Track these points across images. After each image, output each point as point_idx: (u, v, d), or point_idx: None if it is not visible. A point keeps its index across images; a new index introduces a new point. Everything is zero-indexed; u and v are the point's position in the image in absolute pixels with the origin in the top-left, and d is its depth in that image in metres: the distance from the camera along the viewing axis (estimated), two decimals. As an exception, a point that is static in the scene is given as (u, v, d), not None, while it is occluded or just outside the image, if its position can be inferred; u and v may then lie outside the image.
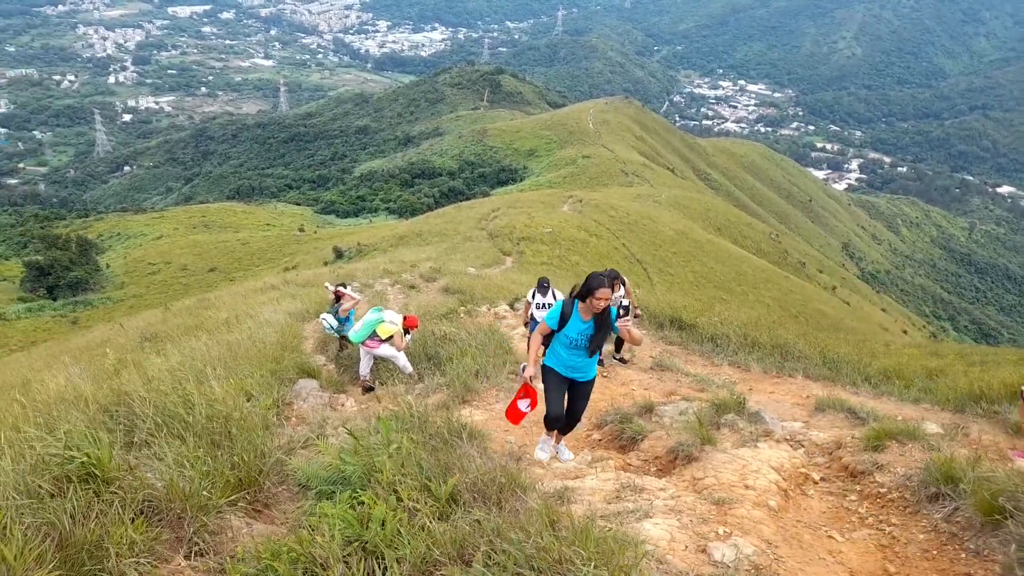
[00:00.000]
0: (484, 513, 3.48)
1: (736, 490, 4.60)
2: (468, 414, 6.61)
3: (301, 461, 4.88)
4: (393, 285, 19.53)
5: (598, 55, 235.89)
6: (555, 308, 5.28)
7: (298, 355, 9.59)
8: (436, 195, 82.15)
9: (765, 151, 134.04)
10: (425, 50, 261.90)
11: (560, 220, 43.08)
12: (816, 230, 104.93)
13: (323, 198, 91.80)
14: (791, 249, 70.69)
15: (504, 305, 14.83)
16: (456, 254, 31.25)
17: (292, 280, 23.83)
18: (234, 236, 65.20)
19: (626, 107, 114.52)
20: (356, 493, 3.86)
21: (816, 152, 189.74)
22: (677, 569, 3.38)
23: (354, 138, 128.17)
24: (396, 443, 4.30)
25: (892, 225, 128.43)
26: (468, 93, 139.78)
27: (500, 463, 4.35)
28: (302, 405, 7.43)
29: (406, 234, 43.53)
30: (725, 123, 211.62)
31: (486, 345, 9.28)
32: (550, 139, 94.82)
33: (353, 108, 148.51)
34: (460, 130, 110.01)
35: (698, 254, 45.17)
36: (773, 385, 8.72)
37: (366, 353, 8.89)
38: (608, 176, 74.03)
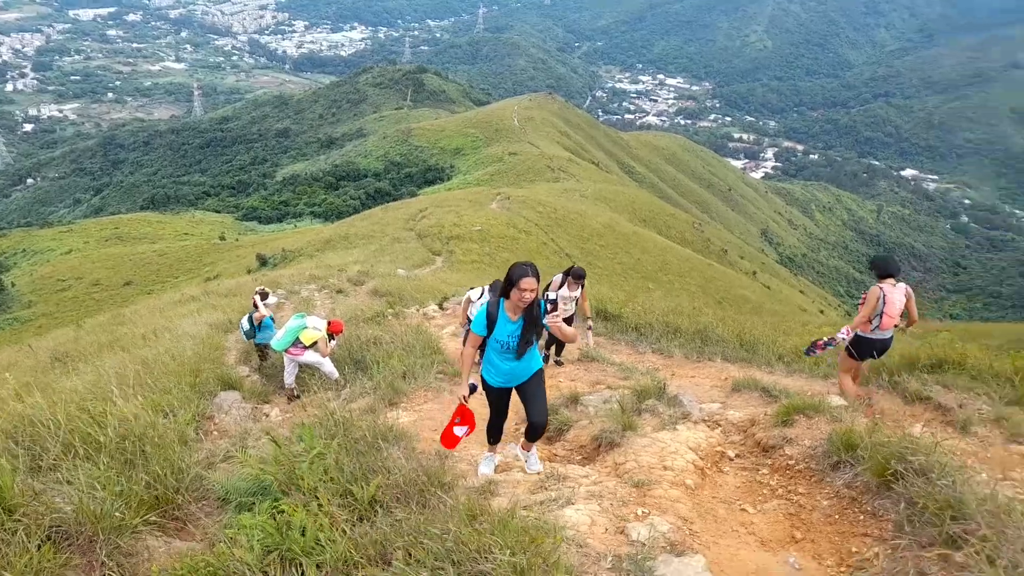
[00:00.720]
0: (405, 513, 3.50)
1: (655, 472, 4.76)
2: (395, 416, 6.59)
3: (221, 475, 4.79)
4: (320, 290, 19.21)
5: (520, 52, 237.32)
6: (479, 312, 4.75)
7: (219, 367, 9.33)
8: (362, 197, 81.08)
9: (685, 143, 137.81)
10: (345, 50, 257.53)
11: (489, 218, 43.22)
12: (736, 218, 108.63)
13: (244, 204, 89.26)
14: (713, 237, 72.98)
15: (433, 305, 14.80)
16: (385, 256, 30.97)
17: (213, 290, 23.10)
18: (150, 248, 62.62)
19: (550, 103, 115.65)
20: (276, 502, 3.82)
21: (733, 143, 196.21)
22: (596, 551, 3.49)
23: (274, 141, 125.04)
24: (319, 449, 4.27)
25: (806, 210, 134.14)
26: (391, 93, 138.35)
27: (424, 463, 4.38)
28: (223, 418, 7.26)
29: (332, 238, 42.78)
30: (647, 117, 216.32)
31: (413, 346, 9.26)
32: (476, 137, 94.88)
33: (272, 111, 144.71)
34: (384, 130, 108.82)
35: (624, 246, 46.10)
36: (694, 369, 9.01)
37: (290, 361, 8.74)
38: (535, 172, 74.65)
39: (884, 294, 6.47)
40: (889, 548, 3.46)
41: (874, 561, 3.43)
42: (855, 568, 3.49)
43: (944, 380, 6.85)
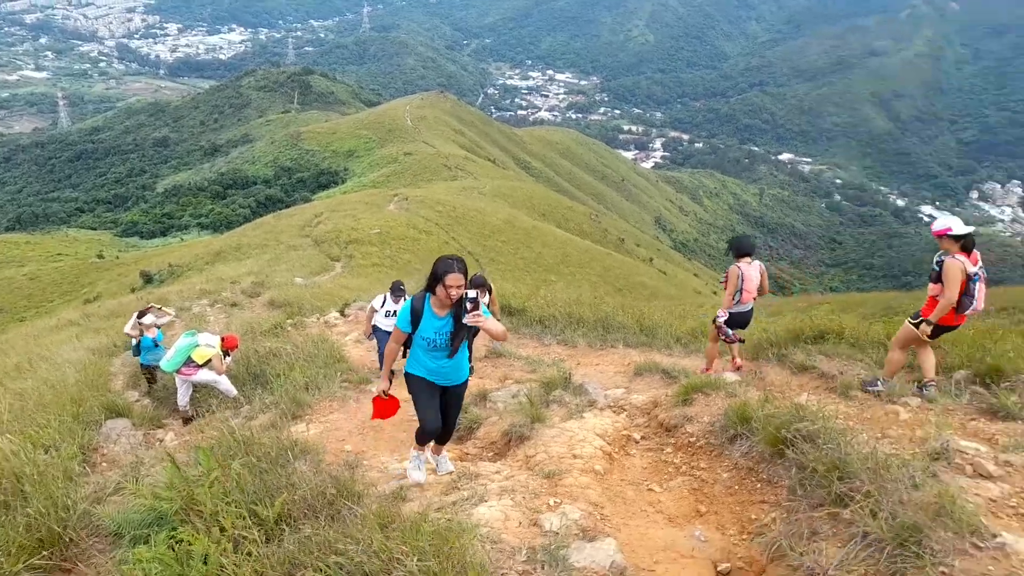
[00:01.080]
0: (314, 528, 3.40)
1: (565, 461, 4.84)
2: (300, 430, 6.40)
3: (113, 508, 4.50)
4: (213, 305, 18.36)
5: (409, 51, 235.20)
6: (404, 308, 4.50)
7: (105, 394, 8.77)
8: (253, 205, 78.19)
9: (578, 137, 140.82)
10: (224, 53, 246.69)
11: (387, 220, 42.63)
12: (631, 207, 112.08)
13: (123, 219, 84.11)
14: (610, 227, 74.98)
15: (335, 313, 14.45)
16: (280, 265, 29.96)
17: (94, 313, 21.71)
18: (19, 271, 57.86)
19: (442, 102, 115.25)
20: (175, 531, 3.62)
21: (624, 135, 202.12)
22: (511, 546, 3.51)
23: (153, 151, 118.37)
24: (216, 471, 4.08)
25: (695, 197, 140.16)
26: (276, 96, 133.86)
27: (332, 475, 4.27)
28: (112, 448, 6.82)
29: (223, 249, 40.95)
30: (539, 112, 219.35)
31: (316, 356, 9.01)
32: (369, 138, 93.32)
33: (148, 119, 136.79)
34: (272, 135, 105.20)
35: (525, 240, 46.62)
36: (598, 357, 9.23)
37: (183, 382, 8.31)
38: (431, 172, 74.24)
39: (742, 272, 7.01)
40: (784, 512, 3.66)
41: (772, 526, 3.62)
42: (755, 534, 3.67)
43: (826, 350, 7.31)
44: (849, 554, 3.00)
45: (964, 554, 2.85)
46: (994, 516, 3.25)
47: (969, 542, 2.90)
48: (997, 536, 2.92)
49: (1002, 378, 5.39)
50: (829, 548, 3.15)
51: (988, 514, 3.24)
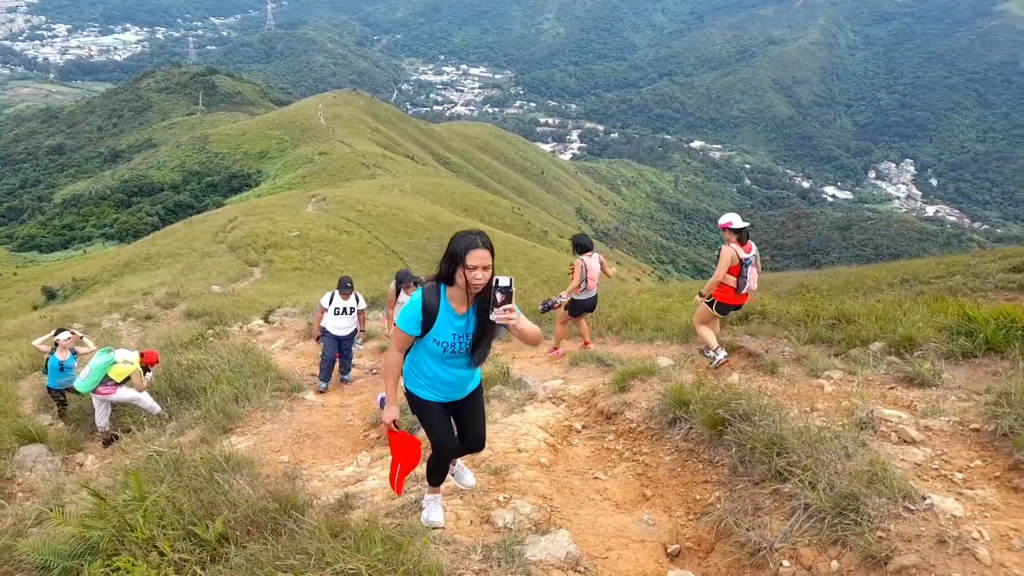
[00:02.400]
0: (259, 544, 3.28)
1: (511, 456, 4.85)
2: (233, 443, 6.17)
3: (35, 540, 4.21)
4: (125, 319, 17.48)
5: (318, 48, 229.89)
6: (412, 304, 3.41)
7: (15, 419, 8.21)
8: (161, 212, 74.85)
9: (496, 131, 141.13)
10: (119, 54, 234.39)
11: (306, 221, 41.60)
12: (551, 199, 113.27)
13: (19, 233, 78.93)
14: (533, 220, 75.54)
15: (258, 320, 14.02)
16: (195, 273, 28.78)
17: (-7, 334, 20.27)
18: (-97, 294, 53.51)
19: (356, 99, 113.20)
20: (109, 560, 3.42)
21: (541, 127, 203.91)
22: (465, 545, 3.49)
23: (47, 160, 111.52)
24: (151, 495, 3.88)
25: (613, 186, 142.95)
26: (180, 98, 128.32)
27: (272, 489, 4.13)
28: (28, 476, 6.41)
29: (131, 260, 39.03)
30: (455, 107, 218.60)
31: (242, 366, 8.69)
32: (281, 139, 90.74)
33: (40, 126, 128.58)
34: (177, 139, 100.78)
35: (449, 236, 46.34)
36: (532, 350, 9.27)
37: (100, 401, 7.87)
38: (349, 171, 72.87)
39: (585, 264, 8.05)
40: (728, 490, 3.78)
41: (717, 505, 3.73)
42: (701, 514, 3.77)
43: (751, 329, 7.59)
44: (793, 526, 3.12)
45: (898, 518, 3.01)
46: (920, 479, 3.45)
47: (902, 506, 3.06)
48: (926, 498, 3.10)
49: (914, 347, 5.72)
50: (773, 522, 3.27)
51: (915, 478, 3.44)
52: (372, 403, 7.64)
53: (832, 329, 7.12)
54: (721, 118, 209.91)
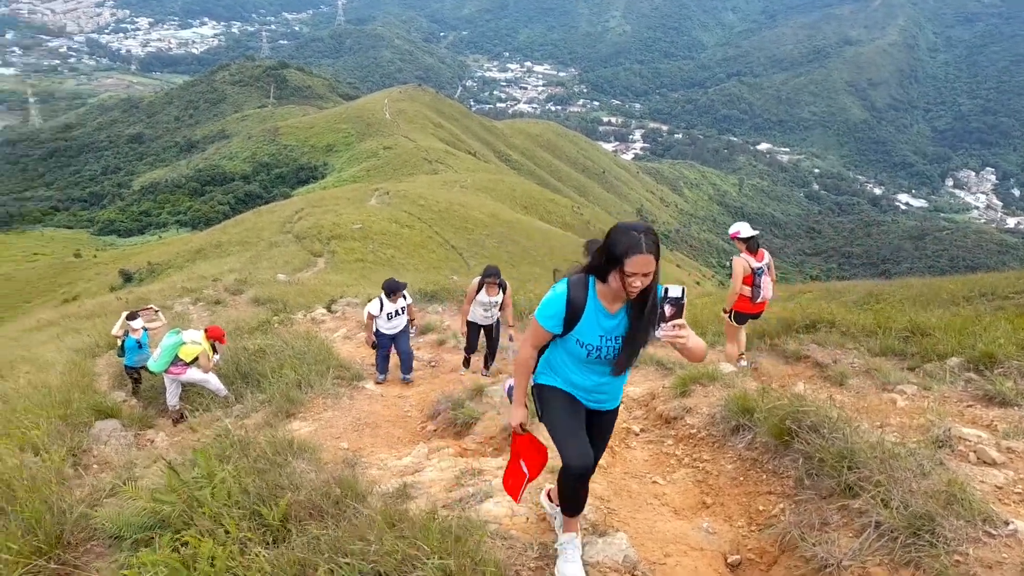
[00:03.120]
0: (321, 528, 3.35)
1: (568, 454, 4.82)
2: (295, 428, 6.33)
3: (110, 511, 4.41)
4: (196, 303, 18.13)
5: (385, 44, 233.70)
6: (555, 298, 2.99)
7: (92, 395, 8.61)
8: (232, 202, 77.43)
9: (558, 129, 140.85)
10: (197, 47, 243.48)
11: (369, 214, 42.39)
12: (612, 199, 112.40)
13: (100, 217, 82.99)
14: (593, 219, 75.13)
15: (321, 309, 14.33)
16: (262, 262, 29.69)
17: (73, 313, 21.37)
18: (-6, 272, 56.90)
19: (421, 95, 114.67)
20: (178, 534, 3.55)
21: (603, 126, 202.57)
22: (522, 542, 3.48)
23: (127, 148, 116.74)
24: (219, 473, 4.01)
25: (676, 188, 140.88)
26: (252, 91, 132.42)
27: (334, 473, 4.22)
28: (103, 449, 6.69)
29: (203, 247, 40.51)
30: (518, 104, 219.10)
31: (305, 353, 8.89)
32: (348, 133, 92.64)
33: (121, 115, 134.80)
34: (249, 130, 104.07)
35: (510, 233, 46.59)
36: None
37: (171, 381, 8.19)
38: (412, 166, 73.90)
39: None
40: (793, 503, 3.67)
41: (780, 516, 3.62)
42: (764, 525, 3.67)
43: (818, 339, 7.36)
44: (863, 544, 3.01)
45: (978, 542, 2.87)
46: (1002, 503, 3.28)
47: (982, 530, 2.91)
48: (1009, 523, 2.94)
49: (995, 364, 5.45)
50: (841, 538, 3.16)
51: (996, 501, 3.27)
52: (430, 395, 7.72)
53: (905, 342, 6.84)
54: (790, 120, 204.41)
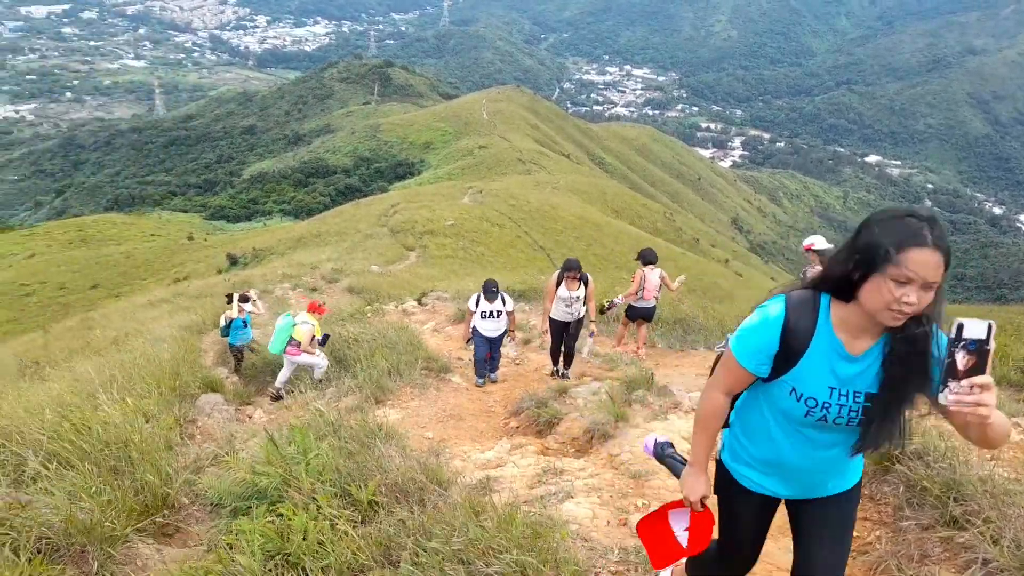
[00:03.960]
0: (407, 512, 3.45)
1: (652, 463, 4.76)
2: (383, 414, 6.53)
3: (211, 479, 4.69)
4: (294, 289, 18.98)
5: (487, 45, 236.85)
6: (762, 325, 2.02)
7: (198, 369, 9.16)
8: (332, 193, 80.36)
9: (655, 133, 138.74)
10: (309, 45, 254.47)
11: (461, 212, 43.06)
12: (707, 206, 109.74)
13: (211, 203, 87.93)
14: (685, 226, 73.62)
15: (412, 301, 14.70)
16: (358, 253, 30.68)
17: (184, 292, 22.75)
18: (116, 249, 61.33)
19: (519, 96, 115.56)
20: (273, 506, 3.74)
21: (701, 132, 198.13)
22: (602, 544, 3.48)
23: (240, 139, 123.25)
24: (313, 451, 4.20)
25: (775, 198, 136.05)
26: (358, 88, 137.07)
27: (420, 460, 4.33)
28: (207, 421, 7.11)
29: (304, 235, 42.29)
30: (615, 108, 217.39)
31: (396, 343, 9.15)
32: (445, 131, 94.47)
33: (237, 108, 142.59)
34: (352, 126, 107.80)
35: (599, 237, 46.29)
36: (678, 359, 9.07)
37: (289, 362, 8.65)
38: (506, 165, 74.57)
39: (644, 275, 8.87)
40: (890, 531, 3.50)
41: (876, 544, 3.46)
42: (858, 552, 3.52)
43: (924, 362, 6.96)
44: (968, 580, 2.84)
45: (1098, 589, 2.66)
46: None
47: (1105, 577, 2.70)
48: None
49: None
50: (943, 572, 2.99)
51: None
52: (514, 392, 7.79)
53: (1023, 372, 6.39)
54: (903, 132, 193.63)
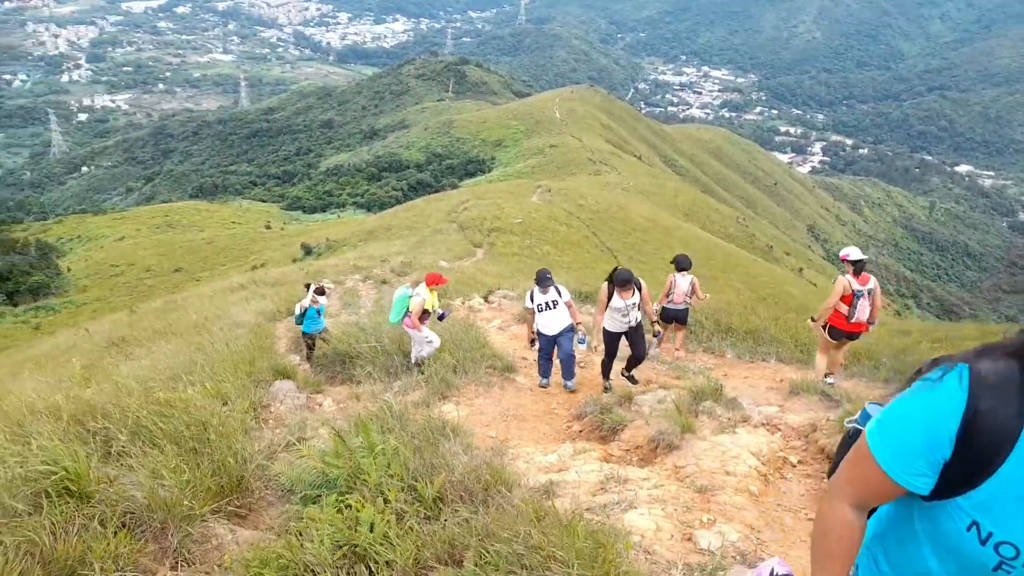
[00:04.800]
0: (471, 512, 3.48)
1: (717, 477, 4.67)
2: (448, 411, 6.61)
3: (283, 465, 4.83)
4: (364, 281, 19.40)
5: (562, 43, 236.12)
6: (925, 410, 1.37)
7: (272, 356, 9.48)
8: (404, 188, 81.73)
9: (730, 136, 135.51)
10: (387, 41, 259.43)
11: (530, 210, 43.13)
12: (782, 213, 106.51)
13: (289, 194, 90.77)
14: (758, 232, 71.72)
15: (478, 298, 14.81)
16: (426, 247, 31.12)
17: (260, 279, 23.55)
18: (199, 235, 64.11)
19: (592, 96, 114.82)
20: (342, 496, 3.84)
21: (780, 136, 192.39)
22: (665, 559, 3.43)
23: (318, 132, 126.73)
24: (381, 444, 4.28)
25: (855, 206, 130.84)
26: (433, 84, 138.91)
27: (485, 459, 4.36)
28: (279, 407, 7.34)
29: (375, 228, 43.19)
30: (690, 109, 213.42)
31: (462, 340, 9.24)
32: (517, 129, 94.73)
33: (316, 102, 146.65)
34: (426, 122, 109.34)
35: (668, 240, 45.58)
36: (747, 370, 8.84)
37: (413, 336, 8.74)
38: (576, 165, 74.25)
39: (675, 280, 9.34)
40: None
41: None
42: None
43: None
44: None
45: None
46: None
47: None
48: None
49: None
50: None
51: None
52: (578, 395, 7.76)
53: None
54: (998, 142, 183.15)
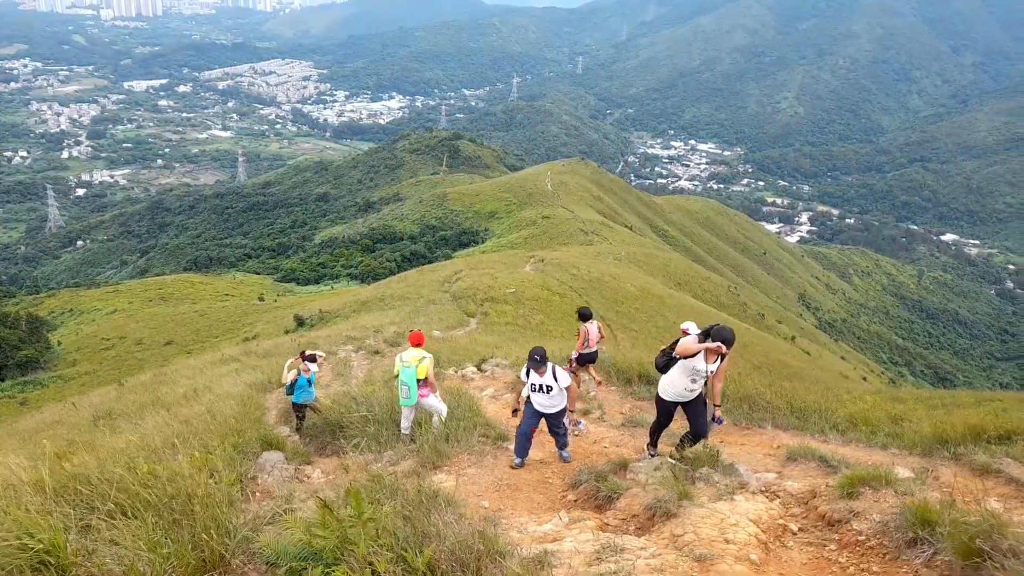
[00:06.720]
0: (463, 582, 3.36)
1: (717, 545, 4.54)
2: (440, 480, 6.47)
3: (268, 537, 4.69)
4: (357, 351, 19.28)
5: (553, 119, 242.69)
6: None
7: (261, 427, 9.33)
8: (398, 259, 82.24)
9: (719, 207, 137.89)
10: (383, 118, 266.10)
11: (523, 280, 43.36)
12: (772, 282, 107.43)
13: (283, 266, 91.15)
14: (750, 301, 72.12)
15: (471, 367, 14.72)
16: (420, 317, 31.10)
17: (252, 351, 23.40)
18: (192, 308, 63.96)
19: (583, 168, 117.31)
20: (328, 569, 3.71)
21: (767, 207, 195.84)
22: (664, 631, 3.30)
23: (314, 205, 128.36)
24: (369, 514, 4.17)
25: (844, 275, 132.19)
26: (427, 158, 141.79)
27: (477, 528, 4.24)
28: (267, 479, 7.18)
29: (369, 299, 43.22)
30: (679, 181, 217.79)
31: (455, 408, 9.14)
32: (510, 201, 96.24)
33: (313, 176, 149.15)
34: (420, 195, 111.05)
35: (660, 309, 45.71)
36: (743, 436, 8.73)
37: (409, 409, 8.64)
38: (568, 235, 75.15)
39: (588, 329, 11.41)
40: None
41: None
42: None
43: (1014, 452, 6.51)
44: None
45: None
46: None
47: None
48: None
49: None
50: None
51: None
52: (572, 464, 7.62)
53: None
54: (981, 211, 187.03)
